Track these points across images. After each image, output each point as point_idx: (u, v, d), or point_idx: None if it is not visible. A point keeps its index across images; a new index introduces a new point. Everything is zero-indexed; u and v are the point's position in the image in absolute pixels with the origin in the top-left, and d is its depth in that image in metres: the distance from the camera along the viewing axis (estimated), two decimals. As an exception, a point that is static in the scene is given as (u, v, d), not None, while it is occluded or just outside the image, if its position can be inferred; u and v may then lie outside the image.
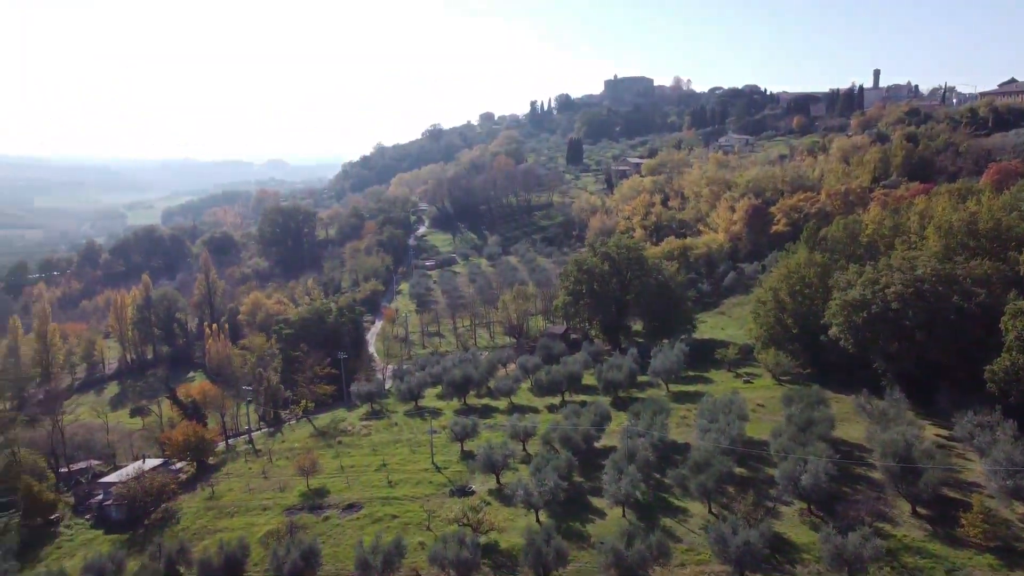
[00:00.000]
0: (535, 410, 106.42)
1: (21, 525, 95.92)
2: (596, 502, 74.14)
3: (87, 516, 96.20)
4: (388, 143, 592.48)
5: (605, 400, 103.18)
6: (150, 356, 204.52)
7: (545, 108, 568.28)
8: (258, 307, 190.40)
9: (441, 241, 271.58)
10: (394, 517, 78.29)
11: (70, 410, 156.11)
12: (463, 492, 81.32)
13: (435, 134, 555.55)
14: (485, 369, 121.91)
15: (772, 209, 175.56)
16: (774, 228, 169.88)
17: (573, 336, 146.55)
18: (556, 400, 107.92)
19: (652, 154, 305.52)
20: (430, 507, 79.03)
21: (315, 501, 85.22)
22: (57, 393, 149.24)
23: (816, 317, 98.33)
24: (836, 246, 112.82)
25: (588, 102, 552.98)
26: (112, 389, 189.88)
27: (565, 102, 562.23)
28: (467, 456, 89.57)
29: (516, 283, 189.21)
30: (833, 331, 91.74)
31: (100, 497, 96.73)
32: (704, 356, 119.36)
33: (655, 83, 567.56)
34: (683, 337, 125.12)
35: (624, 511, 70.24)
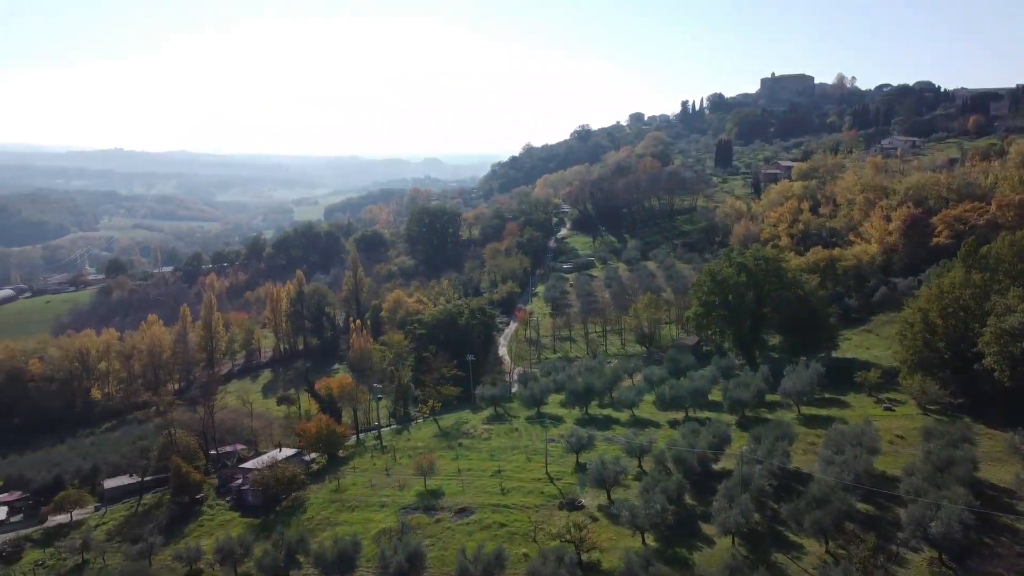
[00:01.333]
0: (656, 424, 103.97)
1: (171, 502, 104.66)
2: (707, 528, 71.39)
3: (227, 498, 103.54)
4: (537, 143, 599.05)
5: (730, 419, 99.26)
6: (301, 347, 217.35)
7: (696, 108, 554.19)
8: (399, 305, 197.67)
9: (581, 244, 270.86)
10: (502, 526, 78.83)
11: (226, 394, 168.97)
12: (572, 506, 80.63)
13: (583, 135, 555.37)
14: (609, 379, 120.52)
15: (934, 219, 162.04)
16: (934, 240, 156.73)
17: (706, 348, 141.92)
18: (679, 415, 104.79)
19: (806, 156, 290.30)
20: (538, 518, 78.94)
21: (430, 502, 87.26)
22: (212, 380, 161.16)
23: (971, 342, 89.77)
24: (999, 265, 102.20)
25: (742, 101, 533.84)
26: (266, 376, 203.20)
27: (718, 102, 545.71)
28: (581, 468, 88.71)
29: (651, 290, 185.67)
30: (987, 361, 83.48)
31: (239, 481, 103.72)
32: (843, 377, 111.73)
33: (815, 81, 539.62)
34: (821, 356, 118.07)
35: (734, 541, 67.17)
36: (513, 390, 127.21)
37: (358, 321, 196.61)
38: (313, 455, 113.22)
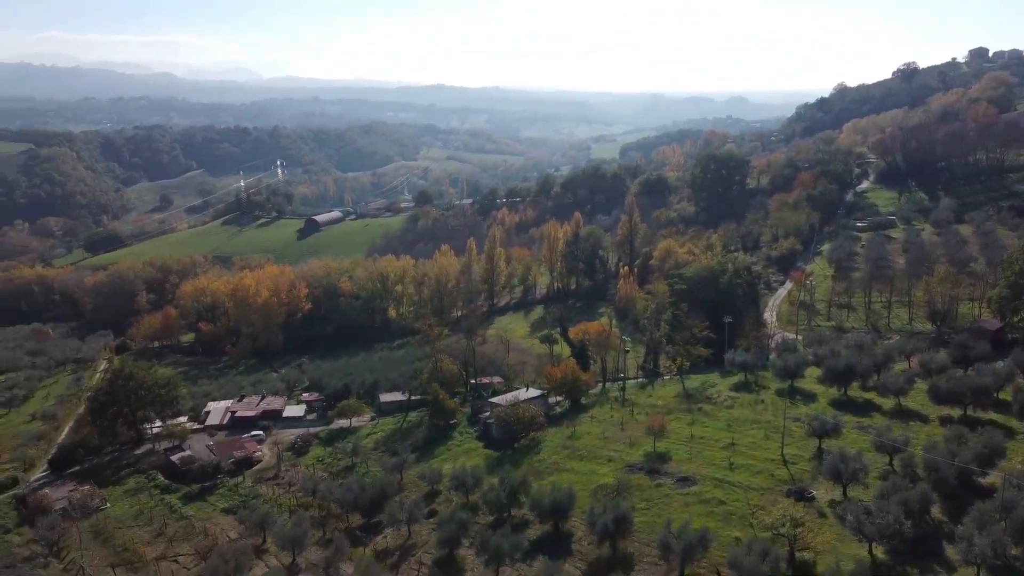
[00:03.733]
0: (923, 419, 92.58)
1: (429, 423, 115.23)
2: (952, 551, 62.94)
3: (475, 428, 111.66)
4: (852, 83, 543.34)
5: (1020, 427, 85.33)
6: (572, 287, 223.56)
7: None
8: (669, 254, 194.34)
9: (883, 200, 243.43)
10: (721, 503, 76.34)
11: (491, 327, 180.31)
12: (801, 495, 75.44)
13: (907, 74, 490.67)
14: (880, 358, 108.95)
15: None
16: None
17: (1011, 336, 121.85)
18: (955, 413, 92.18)
19: None
20: (761, 502, 75.14)
21: (655, 465, 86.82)
22: (477, 314, 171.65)
23: None
24: None
25: None
26: (537, 313, 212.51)
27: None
28: (821, 456, 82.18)
29: (958, 260, 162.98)
30: None
31: (487, 414, 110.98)
32: None
33: None
34: None
35: (979, 573, 58.50)
36: (771, 358, 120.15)
37: (626, 267, 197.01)
38: (557, 398, 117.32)
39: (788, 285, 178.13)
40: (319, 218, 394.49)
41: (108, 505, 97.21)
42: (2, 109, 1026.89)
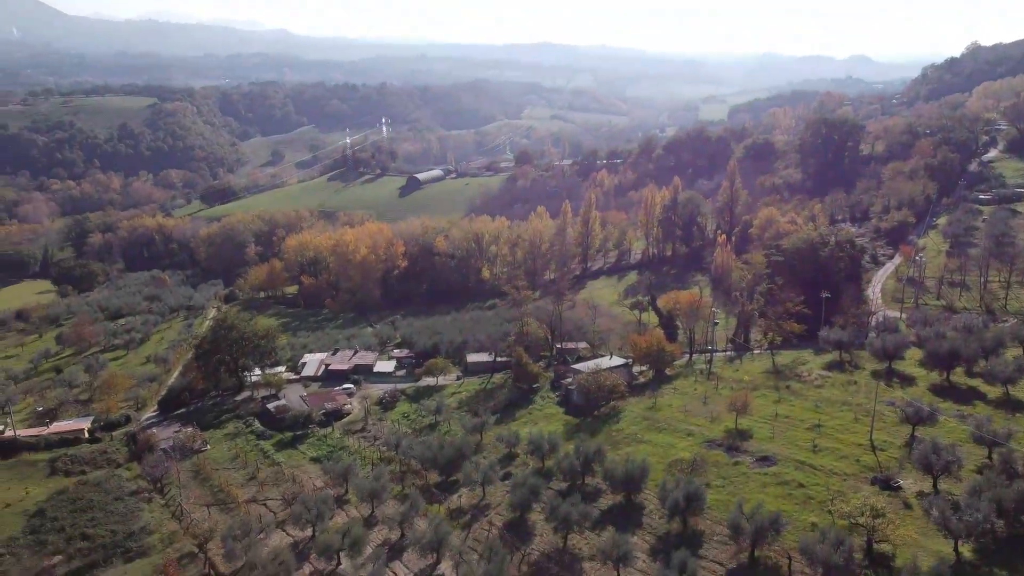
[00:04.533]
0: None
1: (512, 387, 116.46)
2: (1047, 554, 59.26)
3: (557, 393, 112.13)
4: (987, 42, 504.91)
5: None
6: (668, 253, 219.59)
7: None
8: (770, 223, 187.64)
9: (1011, 170, 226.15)
10: (800, 486, 74.14)
11: (581, 291, 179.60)
12: (887, 485, 72.37)
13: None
14: (989, 343, 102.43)
15: None
16: None
17: None
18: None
19: None
20: (844, 487, 72.55)
21: (735, 442, 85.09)
22: (565, 279, 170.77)
23: None
24: None
25: None
26: (630, 278, 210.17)
27: None
28: (913, 444, 78.40)
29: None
30: None
31: (569, 380, 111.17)
32: None
33: None
34: None
35: (1073, 581, 54.98)
36: (869, 336, 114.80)
37: (724, 235, 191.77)
38: (641, 368, 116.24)
39: (897, 260, 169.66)
40: (420, 176, 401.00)
41: (208, 447, 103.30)
42: (131, 65, 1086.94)
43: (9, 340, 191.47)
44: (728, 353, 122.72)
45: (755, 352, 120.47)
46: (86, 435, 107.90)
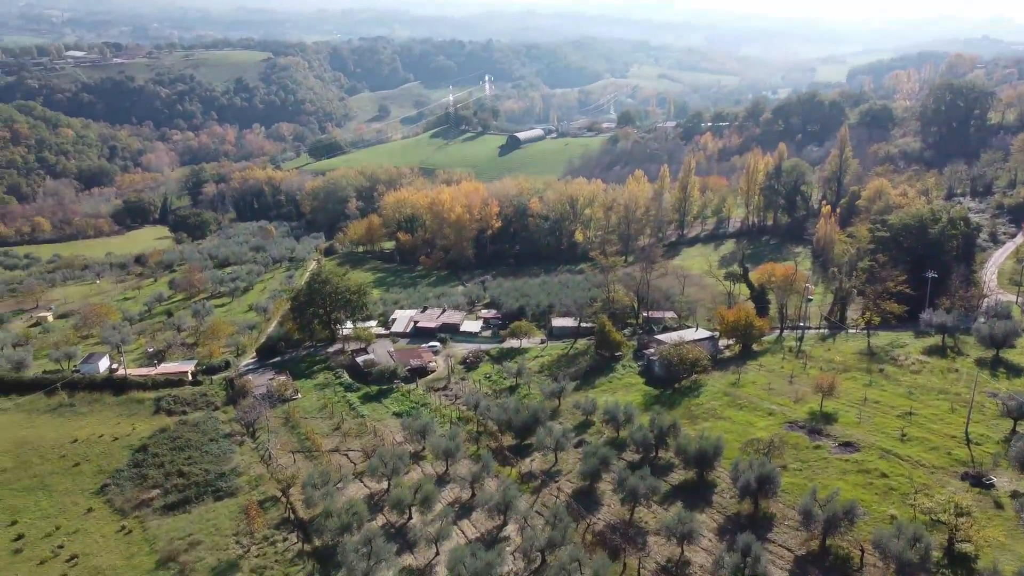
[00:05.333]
0: None
1: (594, 354, 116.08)
2: None
3: (639, 363, 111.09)
4: None
5: None
6: (769, 222, 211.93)
7: None
8: (879, 195, 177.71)
9: None
10: (883, 476, 71.30)
11: (686, 258, 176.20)
12: (978, 482, 68.65)
13: None
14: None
15: None
16: None
17: None
18: None
19: None
20: (927, 481, 69.36)
21: (818, 425, 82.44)
22: (661, 244, 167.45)
23: None
24: None
25: None
26: (727, 247, 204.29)
27: None
28: (1013, 439, 73.88)
29: None
30: None
31: (652, 351, 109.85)
32: None
33: None
34: None
35: None
36: (978, 322, 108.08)
37: (829, 206, 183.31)
38: (727, 342, 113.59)
39: (1018, 239, 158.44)
40: (521, 135, 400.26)
41: (299, 396, 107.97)
42: (249, 20, 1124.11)
43: (128, 283, 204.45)
44: (821, 331, 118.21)
45: (850, 332, 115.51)
46: (189, 377, 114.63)
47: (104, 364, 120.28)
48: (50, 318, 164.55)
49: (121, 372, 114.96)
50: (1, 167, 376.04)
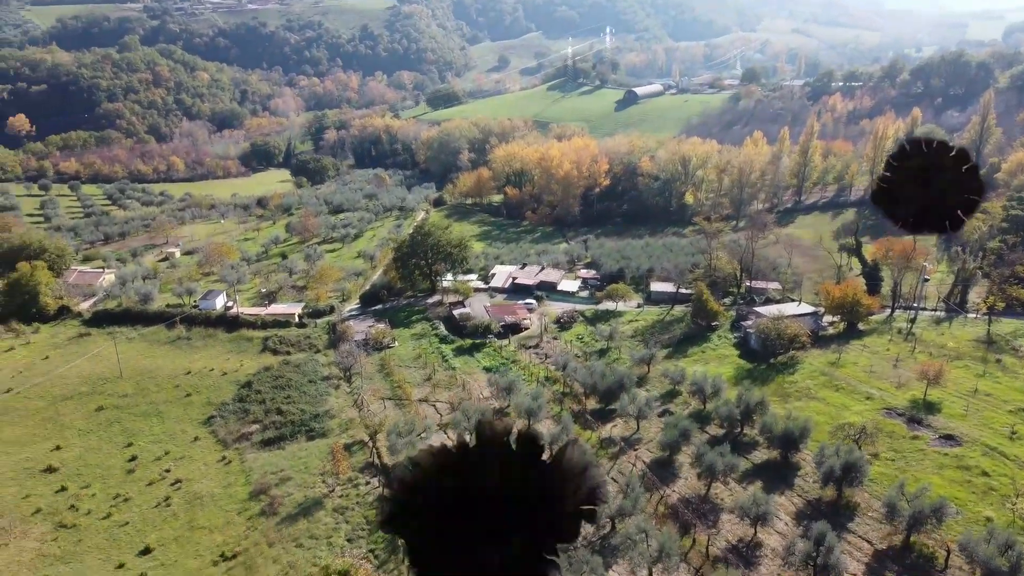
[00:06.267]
0: None
1: (691, 322, 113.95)
2: None
3: (736, 335, 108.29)
4: None
5: None
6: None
7: None
8: (1021, 169, 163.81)
9: None
10: (984, 474, 67.34)
11: (801, 226, 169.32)
12: (1091, 489, 63.79)
13: None
14: None
15: None
16: None
17: None
18: None
19: None
20: (1030, 484, 65.02)
21: (918, 414, 78.43)
22: (762, 216, 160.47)
23: None
24: None
25: None
26: (846, 216, 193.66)
27: None
28: None
29: None
30: None
31: (749, 323, 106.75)
32: None
33: None
34: None
35: None
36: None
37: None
38: (831, 319, 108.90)
39: None
40: (639, 90, 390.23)
41: (395, 344, 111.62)
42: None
43: (249, 224, 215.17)
44: (937, 314, 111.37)
45: (969, 316, 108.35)
46: (296, 320, 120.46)
47: (220, 301, 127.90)
48: (177, 254, 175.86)
49: (235, 311, 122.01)
50: (143, 108, 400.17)
